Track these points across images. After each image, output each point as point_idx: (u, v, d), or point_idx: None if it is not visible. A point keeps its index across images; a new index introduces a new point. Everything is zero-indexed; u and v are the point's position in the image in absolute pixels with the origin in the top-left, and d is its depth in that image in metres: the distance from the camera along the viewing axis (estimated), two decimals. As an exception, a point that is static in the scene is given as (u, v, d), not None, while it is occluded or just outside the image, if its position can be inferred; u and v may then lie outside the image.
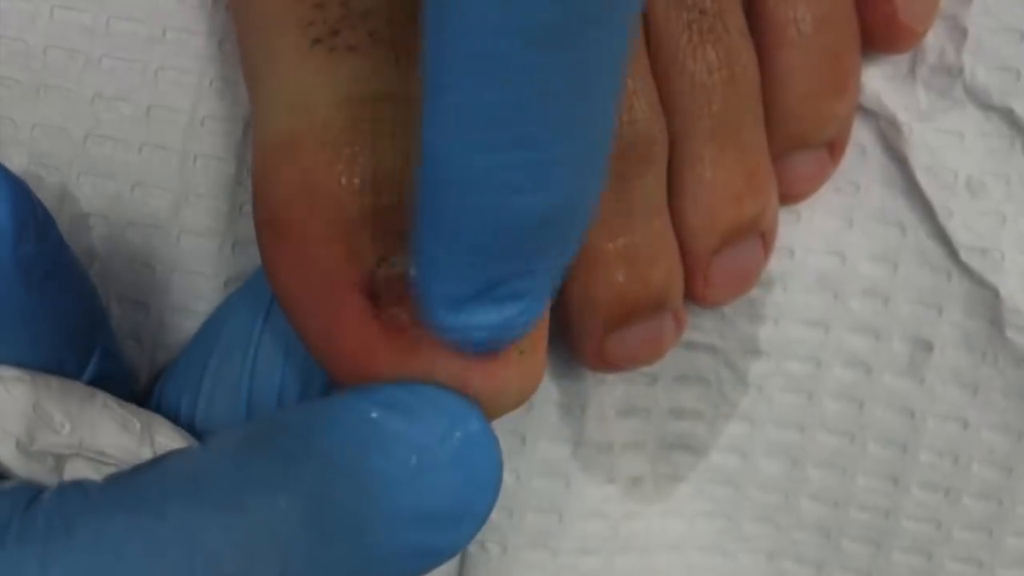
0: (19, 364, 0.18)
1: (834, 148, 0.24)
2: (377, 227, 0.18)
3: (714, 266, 0.23)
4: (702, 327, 0.25)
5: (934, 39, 0.24)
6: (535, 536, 0.25)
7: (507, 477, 0.25)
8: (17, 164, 0.23)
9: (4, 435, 0.17)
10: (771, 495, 0.25)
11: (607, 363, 0.23)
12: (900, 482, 0.25)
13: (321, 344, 0.19)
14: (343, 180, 0.18)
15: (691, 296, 0.23)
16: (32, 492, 0.16)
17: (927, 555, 0.25)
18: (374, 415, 0.17)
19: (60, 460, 0.18)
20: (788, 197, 0.24)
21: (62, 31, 0.23)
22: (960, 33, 0.24)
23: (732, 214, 0.22)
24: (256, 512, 0.16)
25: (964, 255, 0.24)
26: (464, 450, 0.17)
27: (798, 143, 0.23)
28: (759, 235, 0.23)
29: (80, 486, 0.16)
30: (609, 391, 0.25)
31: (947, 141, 0.24)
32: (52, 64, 0.23)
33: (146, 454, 0.19)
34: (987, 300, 0.24)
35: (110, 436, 0.18)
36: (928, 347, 0.25)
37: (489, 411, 0.18)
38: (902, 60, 0.24)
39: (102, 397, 0.19)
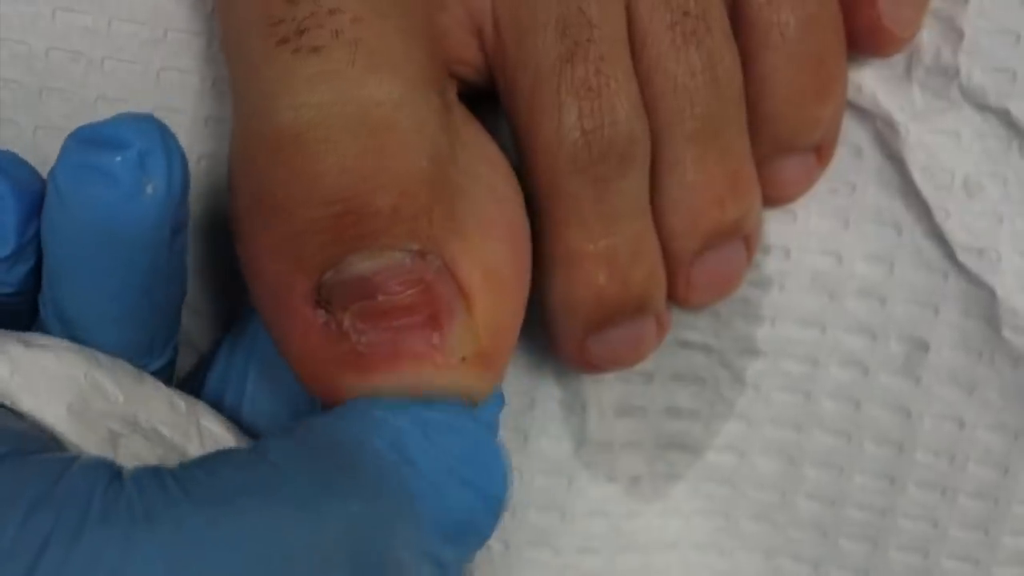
0: (117, 337, 0.19)
1: (821, 152, 0.24)
2: (325, 237, 0.18)
3: (696, 269, 0.23)
4: (697, 326, 0.25)
5: (930, 40, 0.24)
6: (537, 534, 0.25)
7: (507, 476, 0.25)
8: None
9: (54, 399, 0.17)
10: (768, 494, 0.26)
11: (588, 364, 0.23)
12: (897, 481, 0.25)
13: (281, 351, 0.19)
14: (292, 190, 0.18)
15: (673, 298, 0.23)
16: (109, 471, 0.16)
17: (924, 553, 0.25)
18: (405, 430, 0.18)
19: (115, 436, 0.18)
20: (775, 201, 0.24)
21: (64, 33, 0.23)
22: (956, 34, 0.24)
23: (714, 217, 0.22)
24: (331, 516, 0.16)
25: (961, 255, 0.24)
26: (478, 469, 0.18)
27: (783, 147, 0.23)
28: (742, 238, 0.23)
29: (156, 474, 0.16)
30: (607, 389, 0.25)
31: (943, 141, 0.24)
32: (54, 66, 0.23)
33: (193, 435, 0.19)
34: (983, 300, 0.24)
35: (162, 414, 0.18)
36: (924, 347, 0.25)
37: None
38: (898, 61, 0.24)
39: (150, 377, 0.19)
